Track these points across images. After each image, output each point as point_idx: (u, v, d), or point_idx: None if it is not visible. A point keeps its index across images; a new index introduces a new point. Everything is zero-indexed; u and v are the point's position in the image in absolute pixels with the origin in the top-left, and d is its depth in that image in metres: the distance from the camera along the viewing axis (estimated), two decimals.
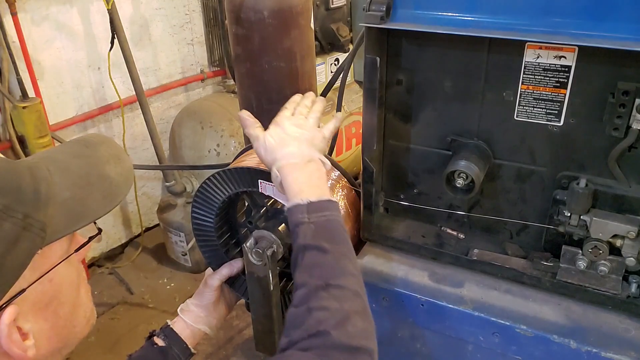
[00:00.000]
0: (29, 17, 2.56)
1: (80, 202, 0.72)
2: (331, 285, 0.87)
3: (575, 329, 1.03)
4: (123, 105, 2.93)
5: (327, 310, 0.83)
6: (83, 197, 0.73)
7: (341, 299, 0.85)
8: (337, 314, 0.83)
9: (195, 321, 1.25)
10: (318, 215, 0.94)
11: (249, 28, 1.27)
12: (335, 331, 0.80)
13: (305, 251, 0.91)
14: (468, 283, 1.15)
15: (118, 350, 2.60)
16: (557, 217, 1.07)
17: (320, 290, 0.86)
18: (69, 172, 0.74)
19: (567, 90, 1.00)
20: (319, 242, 0.91)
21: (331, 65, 2.98)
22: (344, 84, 1.36)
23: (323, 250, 0.91)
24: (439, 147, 1.17)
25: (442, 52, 1.08)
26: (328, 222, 0.95)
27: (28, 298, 0.67)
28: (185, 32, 3.30)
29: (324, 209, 0.96)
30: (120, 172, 0.78)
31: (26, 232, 0.65)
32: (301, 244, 0.92)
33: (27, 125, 2.35)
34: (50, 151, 0.80)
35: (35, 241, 0.66)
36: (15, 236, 0.64)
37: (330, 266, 0.90)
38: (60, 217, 0.69)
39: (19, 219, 0.64)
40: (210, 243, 1.36)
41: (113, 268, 3.16)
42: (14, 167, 0.69)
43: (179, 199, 3.05)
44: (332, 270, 0.89)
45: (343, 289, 0.87)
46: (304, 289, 0.87)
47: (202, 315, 1.27)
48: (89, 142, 0.82)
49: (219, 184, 1.24)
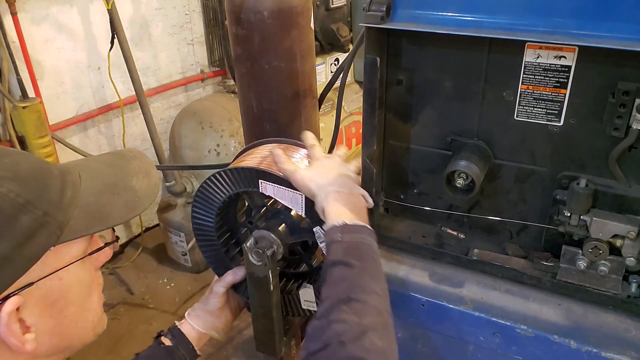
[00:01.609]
0: (29, 17, 2.56)
1: (102, 208, 0.77)
2: (353, 300, 0.86)
3: (575, 329, 1.03)
4: (123, 105, 2.93)
5: (345, 323, 0.82)
6: (105, 203, 0.77)
7: (361, 314, 0.84)
8: (355, 327, 0.82)
9: (202, 326, 1.27)
10: (351, 235, 0.96)
11: (249, 28, 1.27)
12: (351, 345, 0.79)
13: (334, 267, 0.92)
14: (468, 283, 1.15)
15: (118, 351, 2.61)
16: (557, 217, 1.07)
17: (342, 304, 0.85)
18: (98, 180, 0.80)
19: (567, 90, 1.00)
20: (347, 258, 0.92)
21: (331, 65, 2.99)
22: (344, 84, 1.36)
23: (350, 266, 0.91)
24: (439, 147, 1.17)
25: (442, 52, 1.08)
26: (360, 244, 0.96)
27: (35, 292, 0.70)
28: (185, 32, 3.30)
29: (358, 232, 0.98)
30: (146, 186, 0.83)
31: (43, 228, 0.69)
32: (330, 260, 0.93)
33: (27, 125, 2.35)
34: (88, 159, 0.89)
35: (50, 238, 0.70)
36: (31, 231, 0.67)
37: (355, 281, 0.90)
38: (80, 219, 0.73)
39: (38, 215, 0.68)
40: (210, 243, 1.36)
41: (113, 268, 3.16)
42: (46, 168, 0.75)
43: (179, 199, 3.06)
44: (357, 285, 0.89)
45: (365, 305, 0.86)
46: (327, 302, 0.87)
47: (208, 320, 1.28)
48: (124, 155, 0.89)
49: (219, 184, 1.24)
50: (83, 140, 2.99)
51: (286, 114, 1.38)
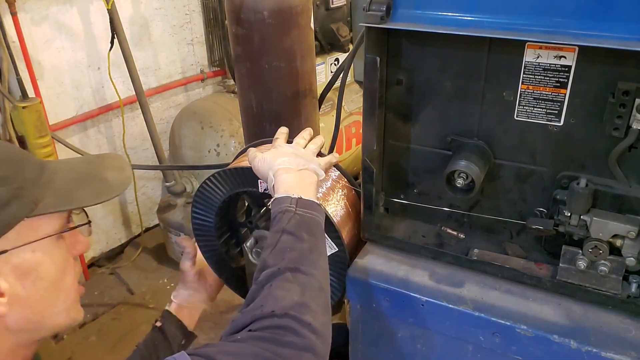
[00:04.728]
0: (29, 17, 2.56)
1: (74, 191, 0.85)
2: (300, 271, 0.89)
3: (575, 329, 1.03)
4: (123, 105, 2.93)
5: (287, 292, 0.86)
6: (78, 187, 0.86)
7: (305, 287, 0.88)
8: (295, 298, 0.86)
9: (186, 301, 1.33)
10: (305, 210, 0.98)
11: (249, 28, 1.27)
12: (287, 316, 0.83)
13: (283, 235, 0.94)
14: (468, 283, 1.15)
15: (119, 350, 2.60)
16: (557, 217, 1.07)
17: (288, 272, 0.89)
18: (73, 171, 0.89)
19: (567, 90, 1.00)
20: (299, 231, 0.95)
21: (331, 65, 2.98)
22: (344, 84, 1.36)
23: (301, 239, 0.94)
24: (439, 147, 1.17)
25: (442, 52, 1.08)
26: (312, 220, 0.99)
27: (10, 260, 0.78)
28: (185, 32, 3.30)
29: (312, 208, 1.00)
30: (118, 178, 0.91)
31: (17, 199, 0.77)
32: (282, 228, 0.95)
33: (27, 125, 2.34)
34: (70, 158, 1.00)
35: (23, 209, 0.78)
36: (5, 200, 0.75)
37: (304, 254, 0.93)
38: (52, 198, 0.82)
39: (13, 187, 0.77)
40: (210, 243, 1.36)
41: (113, 268, 3.16)
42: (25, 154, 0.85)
43: (179, 199, 3.05)
44: (305, 258, 0.92)
45: (310, 278, 0.90)
46: (272, 269, 0.90)
47: (191, 294, 1.34)
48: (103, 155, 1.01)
49: (219, 184, 1.24)
50: (83, 140, 2.99)
51: (286, 114, 1.38)
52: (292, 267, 0.89)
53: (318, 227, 0.99)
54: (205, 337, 2.41)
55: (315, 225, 0.99)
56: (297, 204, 0.98)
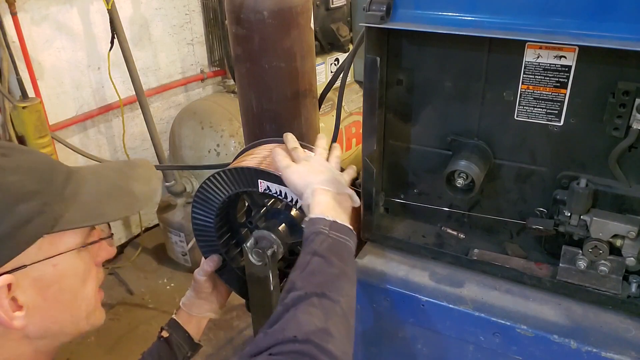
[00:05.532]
0: (29, 17, 2.56)
1: (99, 205, 0.83)
2: (326, 296, 0.88)
3: (575, 329, 1.03)
4: (123, 105, 2.93)
5: (311, 317, 0.84)
6: (103, 202, 0.84)
7: (329, 314, 0.86)
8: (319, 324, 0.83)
9: (196, 311, 1.33)
10: (338, 235, 0.97)
11: (249, 28, 1.27)
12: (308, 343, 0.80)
13: (315, 257, 0.93)
14: (468, 283, 1.15)
15: (118, 351, 2.61)
16: (557, 217, 1.07)
17: (314, 297, 0.87)
18: (101, 182, 0.87)
19: (567, 90, 1.00)
20: (330, 255, 0.93)
21: (331, 65, 2.98)
22: (344, 84, 1.36)
23: (331, 264, 0.92)
24: (439, 147, 1.17)
25: (442, 52, 1.08)
26: (344, 246, 0.97)
27: (30, 274, 0.76)
28: (185, 32, 3.30)
29: (345, 233, 0.99)
30: (144, 192, 0.90)
31: (39, 216, 0.75)
32: (313, 249, 0.94)
33: (27, 125, 2.35)
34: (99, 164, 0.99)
35: (45, 225, 0.76)
36: (28, 217, 0.74)
37: (332, 280, 0.91)
38: (76, 212, 0.80)
39: (39, 203, 0.75)
40: (210, 243, 1.36)
41: (113, 268, 3.16)
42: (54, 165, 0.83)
43: (179, 199, 3.05)
44: (333, 284, 0.91)
45: (335, 304, 0.88)
46: (299, 292, 0.88)
47: (201, 304, 1.34)
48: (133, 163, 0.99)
49: (218, 184, 1.24)
50: (83, 140, 2.99)
51: (286, 114, 1.37)
52: (319, 292, 0.88)
53: (349, 253, 0.98)
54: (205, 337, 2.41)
55: (347, 250, 0.97)
56: (331, 227, 0.97)
